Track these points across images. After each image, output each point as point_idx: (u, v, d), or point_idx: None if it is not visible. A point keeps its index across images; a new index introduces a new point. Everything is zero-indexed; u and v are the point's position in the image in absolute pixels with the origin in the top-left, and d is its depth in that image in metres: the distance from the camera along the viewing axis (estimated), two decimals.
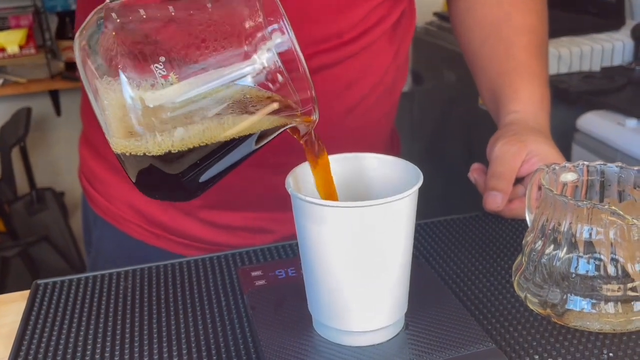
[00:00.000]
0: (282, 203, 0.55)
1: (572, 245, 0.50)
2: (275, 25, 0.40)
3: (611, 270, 0.49)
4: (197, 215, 0.78)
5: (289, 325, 0.48)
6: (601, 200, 0.55)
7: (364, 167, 0.50)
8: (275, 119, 0.42)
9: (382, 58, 0.77)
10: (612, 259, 0.49)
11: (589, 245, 0.50)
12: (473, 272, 0.60)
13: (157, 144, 0.39)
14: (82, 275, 0.63)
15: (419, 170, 0.45)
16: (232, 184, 0.71)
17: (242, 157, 0.44)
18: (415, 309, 0.49)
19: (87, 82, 0.41)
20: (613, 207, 0.47)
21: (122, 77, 0.38)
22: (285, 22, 0.40)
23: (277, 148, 0.57)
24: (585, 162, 0.55)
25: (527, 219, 0.59)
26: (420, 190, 0.44)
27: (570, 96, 1.33)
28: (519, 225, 0.69)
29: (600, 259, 0.49)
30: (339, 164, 0.49)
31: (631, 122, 1.20)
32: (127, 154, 0.40)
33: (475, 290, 0.57)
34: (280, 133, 0.44)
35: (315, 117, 0.43)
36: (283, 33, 0.40)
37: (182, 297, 0.58)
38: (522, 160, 0.67)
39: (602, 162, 0.55)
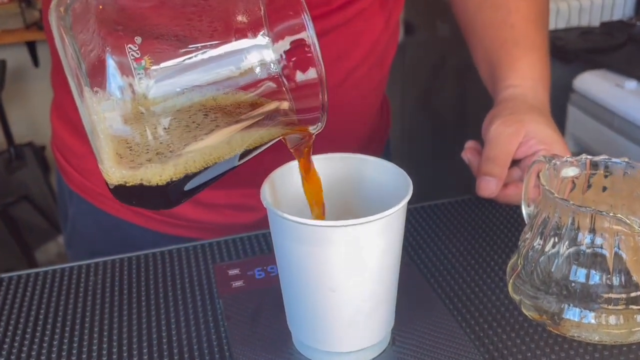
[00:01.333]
0: None
1: (573, 252, 0.46)
2: (296, 21, 0.35)
3: (614, 278, 0.45)
4: None
5: (267, 342, 0.45)
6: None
7: (351, 169, 0.45)
8: (279, 130, 0.37)
9: (373, 26, 0.71)
10: (616, 267, 0.45)
11: (591, 252, 0.46)
12: (465, 268, 0.56)
13: (156, 174, 0.35)
14: (41, 270, 0.59)
15: (409, 179, 0.41)
16: None
17: (235, 166, 0.39)
18: (402, 320, 0.46)
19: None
20: (618, 215, 0.43)
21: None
22: (306, 16, 0.35)
23: None
24: (588, 156, 0.51)
25: (524, 212, 0.55)
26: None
27: (568, 54, 1.28)
28: (514, 212, 0.65)
29: (602, 267, 0.46)
30: (325, 163, 0.45)
31: (630, 84, 1.15)
32: (125, 183, 0.36)
33: (467, 290, 0.53)
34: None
35: (321, 125, 0.38)
36: (302, 29, 0.35)
37: (155, 294, 0.54)
38: (519, 143, 0.62)
39: (606, 157, 0.51)
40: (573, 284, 0.46)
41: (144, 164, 0.34)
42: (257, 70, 0.35)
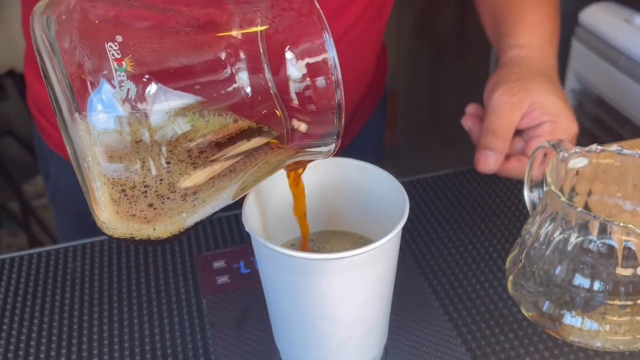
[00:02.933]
0: None
1: (577, 256, 0.43)
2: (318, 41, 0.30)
3: (621, 286, 0.43)
4: None
5: (253, 354, 0.43)
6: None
7: (344, 174, 0.41)
8: (287, 156, 0.33)
9: None
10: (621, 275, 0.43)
11: (597, 257, 0.43)
12: (463, 255, 0.54)
13: (167, 232, 0.31)
14: (17, 254, 0.55)
15: (406, 197, 0.37)
16: None
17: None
18: (396, 326, 0.44)
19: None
20: (630, 225, 0.40)
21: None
22: (327, 35, 0.29)
23: None
24: (599, 147, 0.47)
25: (526, 197, 0.52)
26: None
27: None
28: (515, 188, 0.62)
29: (607, 274, 0.43)
30: (318, 168, 0.41)
31: (639, 20, 1.09)
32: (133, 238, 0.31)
33: (464, 283, 0.51)
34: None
35: (333, 152, 0.34)
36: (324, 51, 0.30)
37: (137, 282, 0.52)
38: (523, 113, 0.58)
39: (619, 147, 0.47)
40: (576, 289, 0.44)
41: (155, 220, 0.29)
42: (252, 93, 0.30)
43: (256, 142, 0.30)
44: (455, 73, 1.68)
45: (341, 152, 0.72)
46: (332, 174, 0.41)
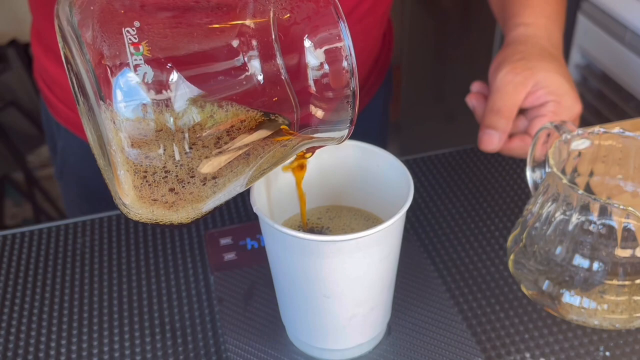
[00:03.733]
0: None
1: (578, 236, 0.44)
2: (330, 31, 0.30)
3: (619, 266, 0.44)
4: None
5: (260, 330, 0.44)
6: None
7: (349, 155, 0.42)
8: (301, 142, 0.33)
9: None
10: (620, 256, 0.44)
11: (597, 237, 0.44)
12: (465, 233, 0.55)
13: (188, 216, 0.31)
14: (26, 229, 0.56)
15: (410, 178, 0.38)
16: None
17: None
18: (399, 303, 0.45)
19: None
20: (630, 208, 0.41)
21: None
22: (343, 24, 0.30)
23: None
24: (602, 129, 0.48)
25: (529, 178, 0.52)
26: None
27: None
28: (518, 167, 0.62)
29: (606, 253, 0.44)
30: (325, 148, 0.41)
31: None
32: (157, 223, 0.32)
33: (466, 261, 0.52)
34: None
35: (346, 138, 0.35)
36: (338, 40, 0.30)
37: (145, 257, 0.53)
38: (527, 92, 0.58)
39: (621, 129, 0.47)
40: (575, 269, 0.45)
41: (176, 205, 0.30)
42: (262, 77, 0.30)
43: (270, 129, 0.31)
44: (458, 46, 1.67)
45: None
46: (338, 155, 0.42)
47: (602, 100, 1.11)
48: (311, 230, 0.42)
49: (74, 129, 0.72)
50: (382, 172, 0.41)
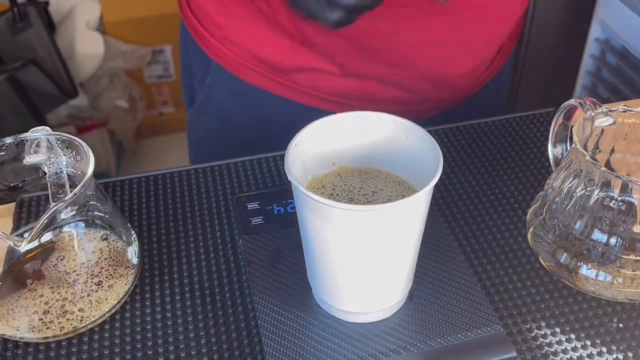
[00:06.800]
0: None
1: (598, 212, 0.46)
2: None
3: (637, 242, 0.45)
4: (335, 60, 0.67)
5: (288, 292, 0.46)
6: None
7: (383, 128, 0.43)
8: None
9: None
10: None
11: (617, 213, 0.45)
12: (486, 207, 0.56)
13: None
14: None
15: (439, 152, 0.39)
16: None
17: None
18: (421, 272, 0.47)
19: None
20: None
21: None
22: None
23: None
24: (626, 106, 0.49)
25: (550, 154, 0.53)
26: None
27: None
28: (538, 141, 0.63)
29: (624, 229, 0.45)
30: (351, 121, 0.43)
31: None
32: None
33: (485, 232, 0.53)
34: None
35: None
36: None
37: (174, 219, 0.55)
38: None
39: None
40: (592, 243, 0.46)
41: None
42: None
43: None
44: None
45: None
46: (372, 126, 0.43)
47: (620, 77, 1.11)
48: (343, 191, 0.43)
49: (225, 64, 0.71)
50: (413, 146, 0.42)
